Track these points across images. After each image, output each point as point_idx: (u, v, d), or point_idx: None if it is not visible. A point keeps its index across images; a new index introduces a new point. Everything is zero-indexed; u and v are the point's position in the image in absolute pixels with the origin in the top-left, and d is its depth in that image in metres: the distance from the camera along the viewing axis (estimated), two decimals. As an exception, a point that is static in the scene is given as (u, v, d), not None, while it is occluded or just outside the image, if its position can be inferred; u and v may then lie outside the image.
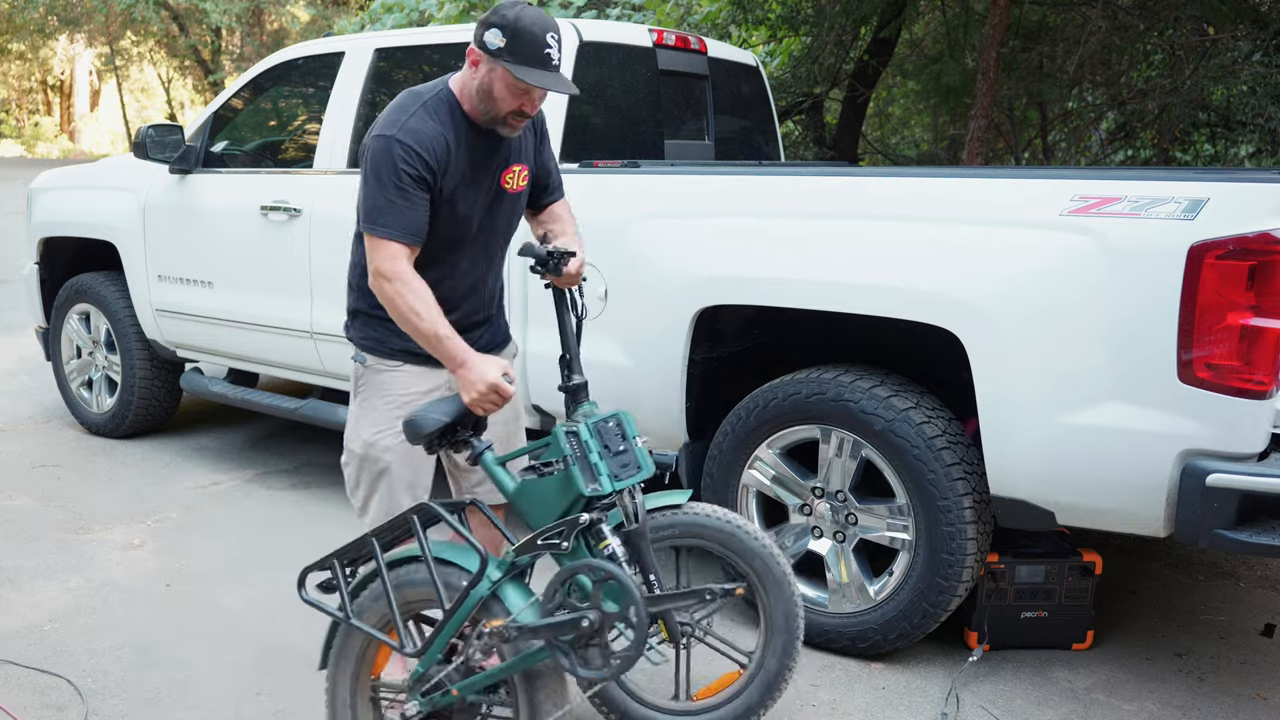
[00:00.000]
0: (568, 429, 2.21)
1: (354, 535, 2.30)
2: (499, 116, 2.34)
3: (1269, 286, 2.44)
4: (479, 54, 2.30)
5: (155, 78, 29.96)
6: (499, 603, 2.12)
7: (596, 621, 2.02)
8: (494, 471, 2.30)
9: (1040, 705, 2.90)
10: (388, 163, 2.28)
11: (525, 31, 2.23)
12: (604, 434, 2.22)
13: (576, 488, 2.14)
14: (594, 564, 2.05)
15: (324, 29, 20.42)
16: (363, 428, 2.57)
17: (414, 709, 2.18)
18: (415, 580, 2.22)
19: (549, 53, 2.26)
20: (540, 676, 2.10)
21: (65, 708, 2.81)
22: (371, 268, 2.34)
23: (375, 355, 2.54)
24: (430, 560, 2.13)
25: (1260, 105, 6.57)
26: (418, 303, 2.31)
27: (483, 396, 2.28)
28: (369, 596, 2.27)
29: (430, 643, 2.14)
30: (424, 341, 2.35)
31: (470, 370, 2.29)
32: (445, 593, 2.12)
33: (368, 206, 2.32)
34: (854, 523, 3.07)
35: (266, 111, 4.79)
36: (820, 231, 3.02)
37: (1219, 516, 2.51)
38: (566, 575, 2.06)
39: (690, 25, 7.74)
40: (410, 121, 2.31)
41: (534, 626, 2.04)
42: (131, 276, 4.90)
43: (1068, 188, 2.66)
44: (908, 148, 9.70)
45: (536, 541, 2.13)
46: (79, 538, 3.98)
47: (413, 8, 8.12)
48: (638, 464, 2.23)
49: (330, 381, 4.35)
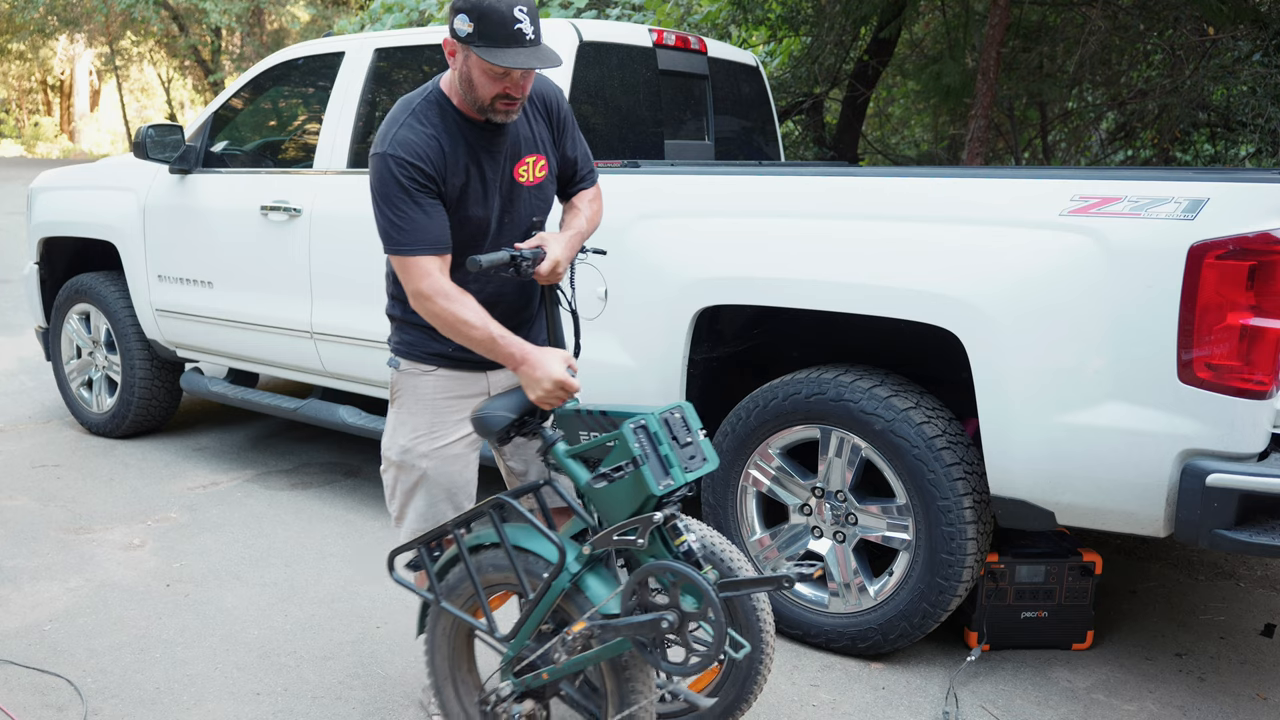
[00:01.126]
0: (635, 424, 2.15)
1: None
2: (486, 103, 2.26)
3: (1269, 286, 2.44)
4: (453, 43, 2.22)
5: (155, 78, 29.96)
6: (581, 594, 2.17)
7: (675, 621, 2.04)
8: (566, 464, 2.27)
9: (1040, 705, 2.90)
10: (388, 180, 2.23)
11: (491, 11, 2.13)
12: (671, 426, 2.19)
13: (649, 488, 2.10)
14: (670, 567, 2.05)
15: (324, 29, 20.42)
16: (399, 435, 2.51)
17: (508, 689, 2.27)
18: (498, 564, 2.29)
19: (519, 28, 2.14)
20: (627, 665, 2.17)
21: (65, 708, 2.81)
22: (409, 290, 2.29)
23: (409, 360, 2.49)
24: (510, 549, 2.20)
25: (1260, 105, 6.57)
26: (464, 312, 2.26)
27: (548, 394, 2.25)
28: (455, 578, 2.36)
29: (518, 628, 2.23)
30: (481, 348, 2.29)
31: (533, 368, 2.25)
32: (527, 580, 2.21)
33: (384, 230, 2.27)
34: (854, 523, 3.07)
35: (266, 111, 4.80)
36: (820, 231, 3.02)
37: (1219, 516, 2.51)
38: (643, 576, 2.08)
39: (690, 25, 7.75)
40: (399, 133, 2.25)
41: (615, 626, 2.09)
42: (131, 276, 4.90)
43: (1068, 188, 2.66)
44: (908, 148, 9.70)
45: (612, 536, 2.14)
46: (79, 538, 3.98)
47: (413, 8, 8.12)
48: (704, 455, 2.21)
49: (330, 381, 4.35)
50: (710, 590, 2.00)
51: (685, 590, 2.04)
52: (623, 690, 2.17)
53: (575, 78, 3.64)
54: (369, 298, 4.00)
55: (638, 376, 3.34)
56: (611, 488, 2.14)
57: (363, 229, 3.98)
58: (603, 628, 2.10)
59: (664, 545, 2.14)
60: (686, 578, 2.02)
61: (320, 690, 2.93)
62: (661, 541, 2.14)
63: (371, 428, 4.14)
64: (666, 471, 2.12)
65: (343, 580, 3.64)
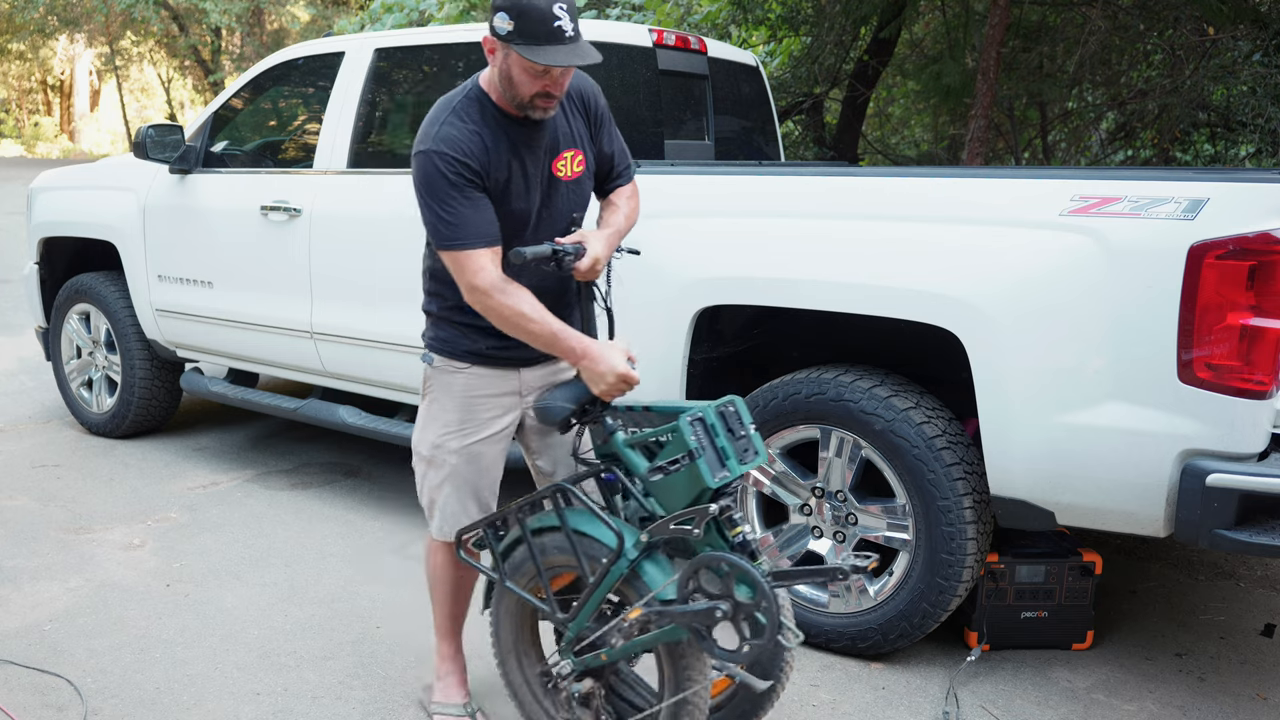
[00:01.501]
0: (692, 416, 2.18)
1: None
2: (525, 101, 2.27)
3: (1269, 286, 2.44)
4: (493, 41, 2.23)
5: (155, 78, 29.96)
6: (639, 579, 2.22)
7: (729, 611, 2.07)
8: (625, 454, 2.29)
9: (1040, 705, 2.90)
10: (434, 176, 2.23)
11: (531, 8, 2.13)
12: (727, 418, 2.22)
13: (704, 481, 2.13)
14: (726, 559, 2.07)
15: (324, 29, 20.41)
16: (430, 430, 2.53)
17: (568, 668, 2.34)
18: (560, 546, 2.35)
19: (559, 25, 2.14)
20: (683, 652, 2.21)
21: (65, 708, 2.81)
22: (464, 285, 2.28)
23: (443, 356, 2.49)
24: (570, 533, 2.27)
25: (1260, 105, 6.57)
26: (523, 305, 2.25)
27: (612, 386, 2.26)
28: (519, 558, 2.44)
29: (579, 610, 2.30)
30: (539, 342, 2.29)
31: (595, 362, 2.26)
32: (587, 564, 2.27)
33: (433, 227, 2.27)
34: (854, 523, 3.07)
35: (266, 111, 4.79)
36: (820, 231, 3.02)
37: (1219, 516, 2.51)
38: (699, 565, 2.11)
39: (690, 25, 7.75)
40: (441, 130, 2.25)
41: (670, 613, 2.13)
42: (131, 276, 4.90)
43: (1068, 188, 2.66)
44: (908, 148, 9.70)
45: (669, 525, 2.17)
46: (79, 538, 3.98)
47: (413, 8, 8.12)
48: (755, 449, 2.24)
49: (330, 382, 4.35)
50: (764, 583, 2.03)
51: (739, 581, 2.07)
52: (678, 676, 2.22)
53: (575, 78, 3.63)
54: (369, 298, 4.01)
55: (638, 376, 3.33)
56: (668, 479, 2.18)
57: (363, 229, 4.01)
58: (658, 614, 2.14)
59: (719, 535, 2.17)
60: (741, 569, 2.05)
61: (320, 690, 2.93)
62: (717, 532, 2.17)
63: (371, 428, 4.15)
64: (723, 463, 2.16)
65: (343, 580, 3.64)
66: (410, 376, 3.96)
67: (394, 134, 4.28)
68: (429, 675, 2.98)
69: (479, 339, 2.43)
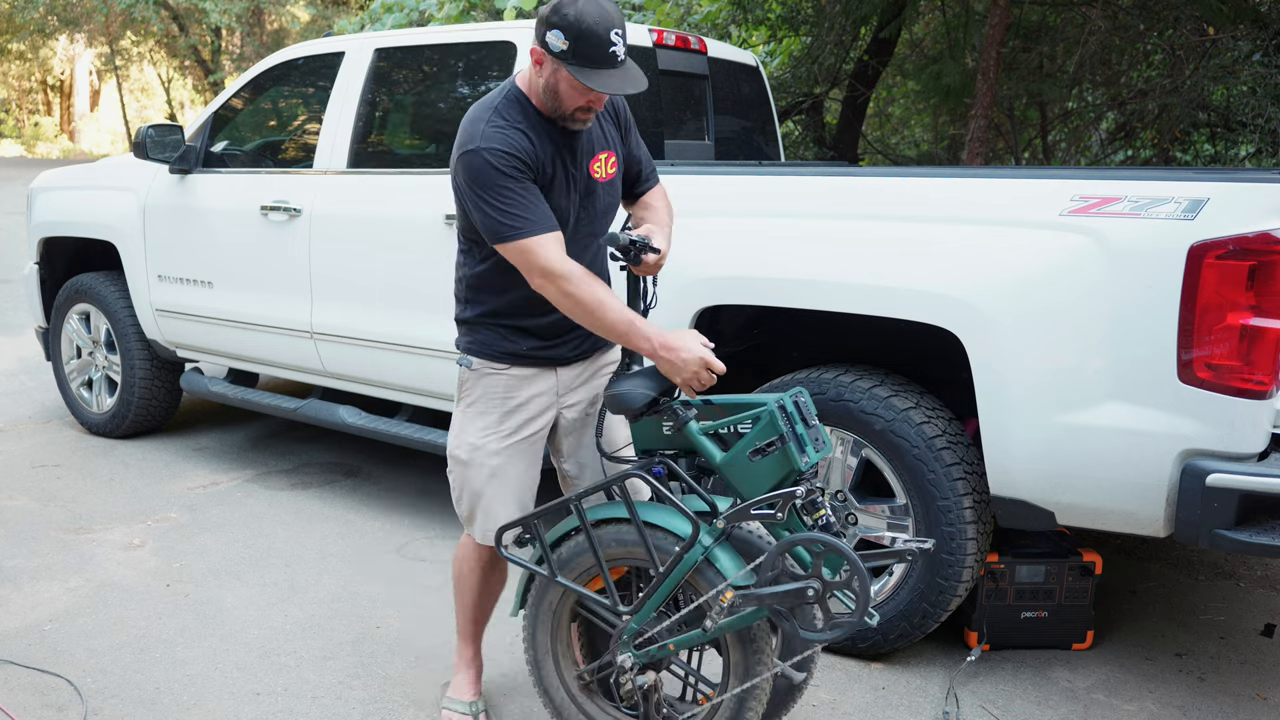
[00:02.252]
0: (778, 402, 2.18)
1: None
2: (567, 113, 2.29)
3: (1269, 286, 2.44)
4: (542, 53, 2.23)
5: (155, 78, 29.95)
6: (712, 567, 2.21)
7: (821, 590, 2.08)
8: (700, 442, 2.28)
9: (1040, 705, 2.90)
10: (487, 173, 2.21)
11: (589, 33, 2.15)
12: (801, 408, 2.23)
13: (793, 463, 2.15)
14: (820, 538, 2.08)
15: (324, 29, 20.41)
16: (469, 433, 2.50)
17: (629, 661, 2.33)
18: (623, 539, 2.35)
19: (613, 51, 2.18)
20: (752, 638, 2.22)
21: (65, 708, 2.81)
22: (535, 272, 2.24)
23: (483, 358, 2.47)
24: (639, 524, 2.25)
25: (1260, 105, 6.57)
26: (601, 292, 2.23)
27: (695, 375, 2.23)
28: (570, 552, 2.42)
29: (644, 602, 2.28)
30: (614, 332, 2.26)
31: (677, 351, 2.21)
32: (656, 555, 2.25)
33: (491, 222, 2.24)
34: (854, 523, 3.07)
35: (266, 111, 4.80)
36: (820, 231, 3.02)
37: (1219, 516, 2.51)
38: (787, 546, 2.11)
39: (690, 25, 7.75)
40: (487, 130, 2.25)
41: (761, 595, 2.13)
42: (131, 276, 4.90)
43: (1068, 188, 2.66)
44: (908, 148, 9.70)
45: (750, 511, 2.18)
46: (79, 538, 3.98)
47: (413, 8, 8.12)
48: (822, 439, 2.26)
49: (330, 382, 4.35)
50: (857, 559, 2.03)
51: (828, 561, 2.09)
52: (748, 661, 2.24)
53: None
54: (369, 298, 4.01)
55: (638, 376, 3.33)
56: (762, 463, 2.18)
57: (363, 229, 4.00)
58: (745, 597, 2.14)
59: (798, 519, 2.19)
60: (835, 548, 2.06)
61: (320, 690, 2.93)
62: (797, 516, 2.19)
63: (371, 428, 4.15)
64: (803, 449, 2.18)
65: (343, 580, 3.64)
66: (410, 376, 3.96)
67: (394, 134, 4.28)
68: (429, 675, 2.99)
69: (520, 340, 2.43)
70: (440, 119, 4.10)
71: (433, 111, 4.14)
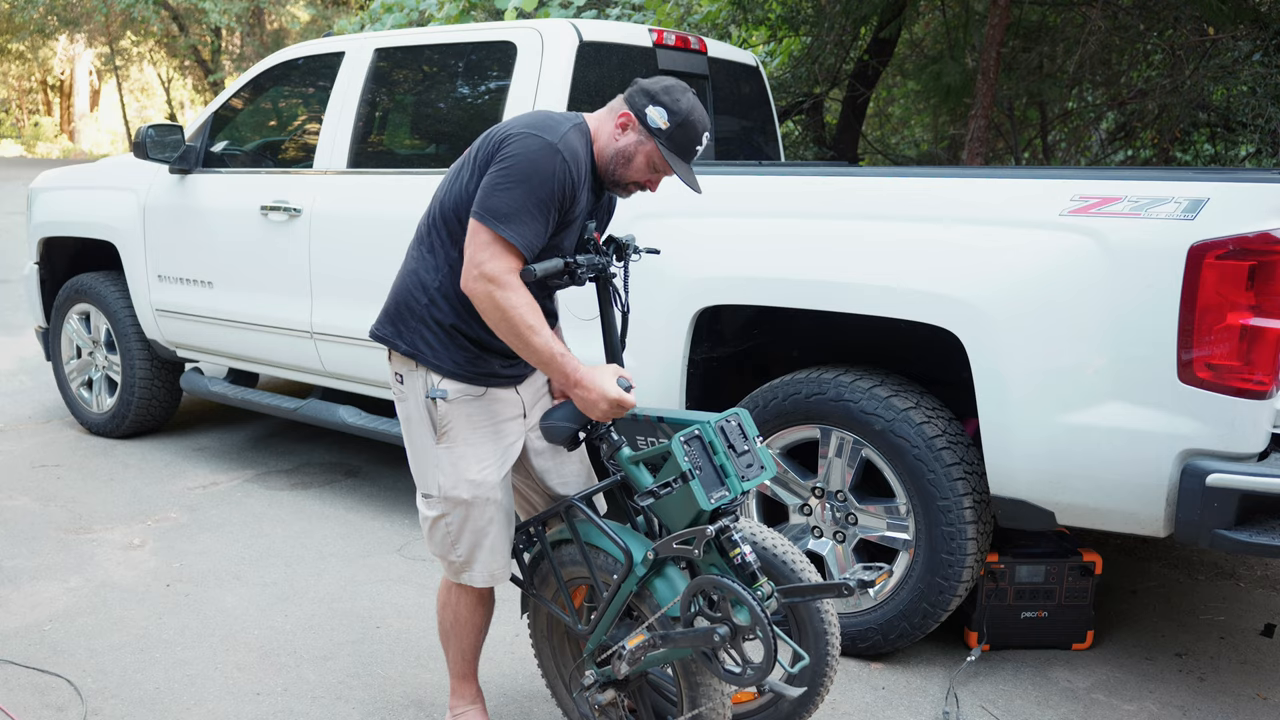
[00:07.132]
0: (687, 436, 2.11)
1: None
2: (623, 182, 2.29)
3: (1269, 286, 2.44)
4: (634, 122, 2.23)
5: (155, 78, 29.96)
6: (649, 596, 2.25)
7: (727, 635, 2.07)
8: (629, 470, 2.27)
9: (1040, 705, 2.90)
10: (546, 170, 2.14)
11: (692, 127, 2.23)
12: (728, 433, 2.15)
13: (698, 504, 2.07)
14: (719, 583, 2.06)
15: (324, 29, 20.41)
16: (466, 470, 2.32)
17: (590, 677, 2.40)
18: (577, 560, 2.42)
19: (698, 149, 2.27)
20: (695, 668, 2.23)
21: (65, 708, 2.81)
22: (478, 263, 2.13)
23: (461, 382, 2.30)
24: (583, 547, 2.34)
25: (1260, 105, 6.56)
26: (531, 315, 2.15)
27: (606, 414, 2.21)
28: (545, 569, 2.51)
29: (596, 622, 2.35)
30: (536, 358, 2.19)
31: (588, 390, 2.19)
32: (600, 577, 2.34)
33: (502, 204, 2.13)
34: (854, 523, 3.07)
35: (266, 111, 4.80)
36: (820, 231, 3.03)
37: (1219, 516, 2.51)
38: (696, 589, 2.11)
39: (690, 25, 7.74)
40: (569, 137, 2.18)
41: (672, 637, 2.15)
42: (131, 276, 4.90)
43: (1068, 188, 2.66)
44: (908, 148, 9.70)
45: (672, 545, 2.16)
46: (79, 538, 3.98)
47: (413, 8, 8.12)
48: (760, 463, 2.17)
49: (330, 382, 4.35)
50: (758, 607, 2.01)
51: (735, 604, 2.05)
52: (693, 691, 2.25)
53: (575, 78, 3.64)
54: (369, 298, 4.00)
55: (638, 376, 3.30)
56: (661, 502, 2.14)
57: (363, 229, 4.00)
58: (662, 637, 2.17)
59: (721, 555, 2.13)
60: (734, 594, 2.03)
61: (320, 690, 2.93)
62: (719, 552, 2.13)
63: (371, 428, 4.15)
64: (722, 481, 2.10)
65: (343, 580, 3.64)
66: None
67: (394, 134, 4.28)
68: (429, 675, 2.99)
69: (492, 360, 2.32)
70: (440, 119, 4.10)
71: (433, 112, 4.15)
